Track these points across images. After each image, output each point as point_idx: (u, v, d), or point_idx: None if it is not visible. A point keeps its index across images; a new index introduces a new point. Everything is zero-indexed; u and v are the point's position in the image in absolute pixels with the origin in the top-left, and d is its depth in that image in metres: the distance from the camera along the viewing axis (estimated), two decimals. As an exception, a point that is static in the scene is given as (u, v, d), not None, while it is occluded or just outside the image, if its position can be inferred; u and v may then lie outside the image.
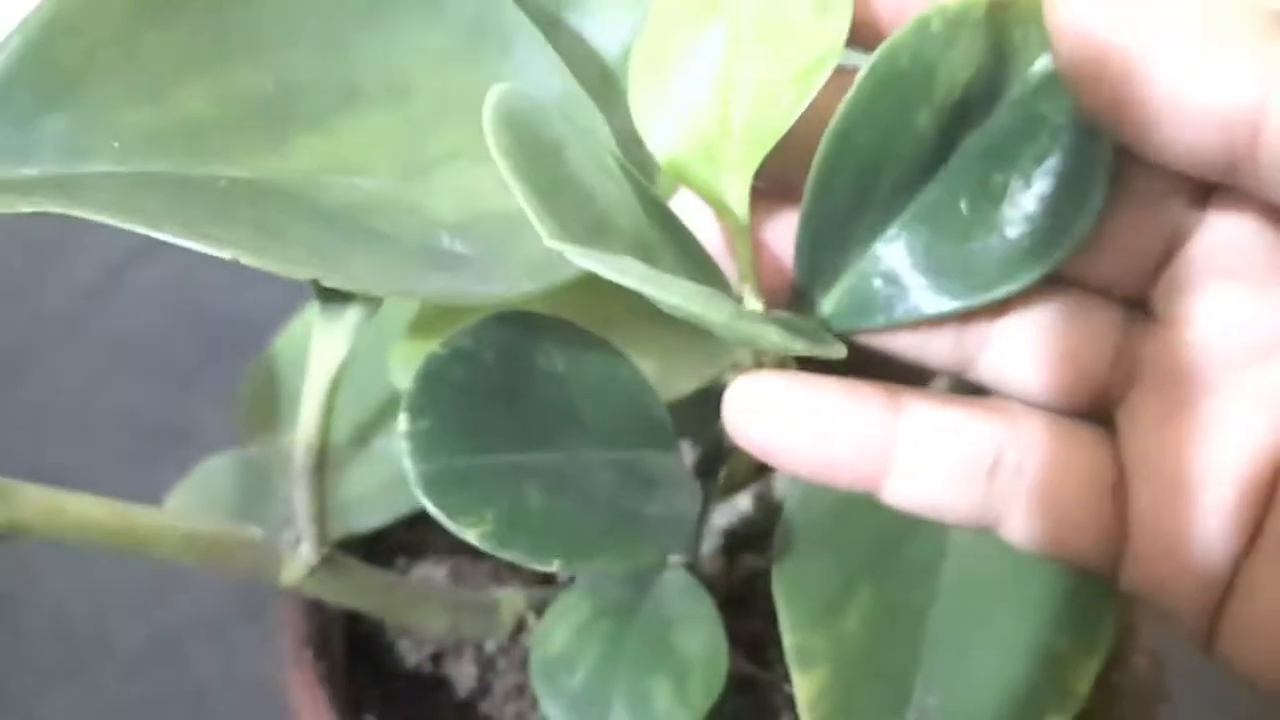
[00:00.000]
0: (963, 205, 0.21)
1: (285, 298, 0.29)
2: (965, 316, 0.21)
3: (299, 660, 0.32)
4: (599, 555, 0.21)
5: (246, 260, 0.20)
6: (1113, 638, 0.24)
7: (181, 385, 0.56)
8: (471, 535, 0.20)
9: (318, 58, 0.23)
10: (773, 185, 0.22)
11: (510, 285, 0.22)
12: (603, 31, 0.27)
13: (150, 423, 0.55)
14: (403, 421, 0.20)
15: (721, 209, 0.21)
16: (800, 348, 0.16)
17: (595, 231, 0.16)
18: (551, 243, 0.14)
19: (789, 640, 0.23)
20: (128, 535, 0.25)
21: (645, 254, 0.17)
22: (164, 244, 0.20)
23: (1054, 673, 0.23)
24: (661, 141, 0.22)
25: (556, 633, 0.27)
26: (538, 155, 0.16)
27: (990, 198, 0.21)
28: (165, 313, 0.59)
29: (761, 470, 0.32)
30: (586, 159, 0.18)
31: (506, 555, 0.20)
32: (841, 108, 0.20)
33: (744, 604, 0.33)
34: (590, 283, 0.18)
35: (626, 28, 0.27)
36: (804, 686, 0.23)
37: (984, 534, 0.22)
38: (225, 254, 0.20)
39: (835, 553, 0.24)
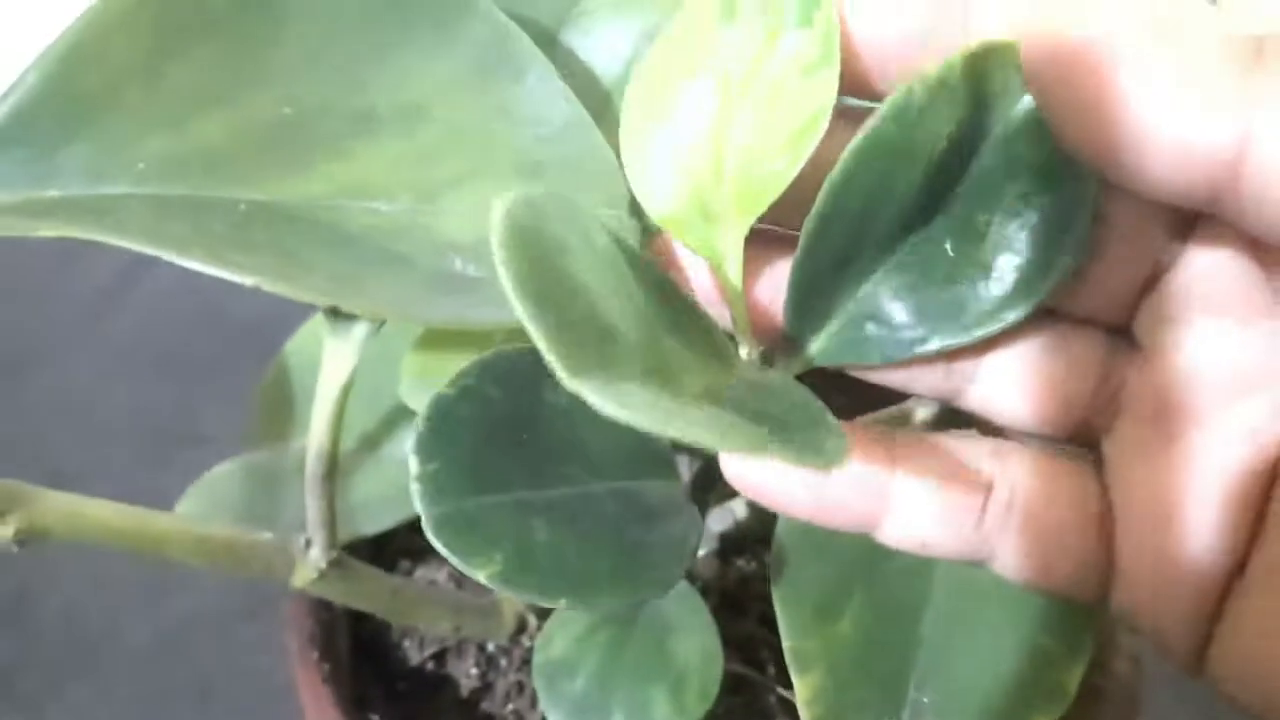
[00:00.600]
0: (948, 246, 0.21)
1: (296, 302, 0.30)
2: (953, 351, 0.22)
3: (304, 659, 0.33)
4: (603, 593, 0.21)
5: (269, 287, 0.20)
6: (1095, 640, 0.24)
7: (193, 388, 0.56)
8: (481, 576, 0.20)
9: (335, 85, 0.23)
10: (764, 227, 0.22)
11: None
12: (600, 51, 0.27)
13: (161, 425, 0.55)
14: (413, 464, 0.21)
15: (716, 265, 0.22)
16: (804, 461, 0.16)
17: (602, 340, 0.16)
18: (572, 384, 0.14)
19: (786, 644, 0.24)
20: (144, 539, 0.26)
21: (649, 344, 0.17)
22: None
23: (1043, 672, 0.23)
24: (655, 202, 0.22)
25: (558, 639, 0.27)
26: (544, 269, 0.16)
27: (975, 238, 0.21)
28: (178, 316, 0.59)
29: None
30: (584, 249, 0.18)
31: (515, 594, 0.20)
32: (833, 176, 0.20)
33: (738, 606, 0.34)
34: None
35: (624, 47, 0.26)
36: (801, 688, 0.23)
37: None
38: (248, 281, 0.20)
39: (829, 559, 0.24)
